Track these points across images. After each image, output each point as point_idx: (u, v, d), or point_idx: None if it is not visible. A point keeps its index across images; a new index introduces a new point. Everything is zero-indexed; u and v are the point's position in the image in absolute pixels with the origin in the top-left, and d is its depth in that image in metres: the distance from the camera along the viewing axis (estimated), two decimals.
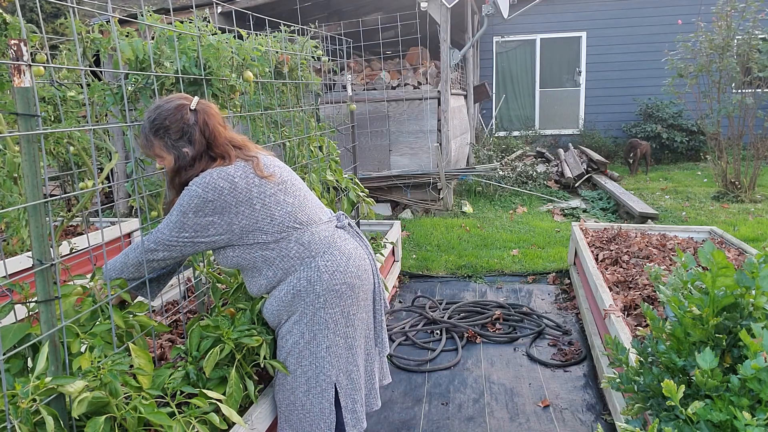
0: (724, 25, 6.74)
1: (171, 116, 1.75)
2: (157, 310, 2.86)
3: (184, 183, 1.79)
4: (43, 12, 12.92)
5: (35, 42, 2.99)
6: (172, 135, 1.75)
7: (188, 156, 1.78)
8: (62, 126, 2.86)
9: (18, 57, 1.27)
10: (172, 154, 1.77)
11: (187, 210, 1.73)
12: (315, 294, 1.85)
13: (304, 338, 1.89)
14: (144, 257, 1.79)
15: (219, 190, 1.72)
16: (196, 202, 1.72)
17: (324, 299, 1.86)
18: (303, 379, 1.91)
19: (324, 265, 1.86)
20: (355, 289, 1.92)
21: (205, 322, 1.94)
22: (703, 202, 7.13)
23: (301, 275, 1.85)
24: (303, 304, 1.86)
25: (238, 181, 1.75)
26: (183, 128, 1.75)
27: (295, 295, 1.86)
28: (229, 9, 6.59)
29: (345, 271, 1.89)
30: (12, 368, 1.52)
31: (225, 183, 1.74)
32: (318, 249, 1.87)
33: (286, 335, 1.92)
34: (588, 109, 11.40)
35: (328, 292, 1.86)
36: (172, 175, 1.82)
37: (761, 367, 1.25)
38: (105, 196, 7.30)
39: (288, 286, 1.86)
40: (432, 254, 5.32)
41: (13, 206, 2.75)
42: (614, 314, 2.70)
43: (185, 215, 1.73)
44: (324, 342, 1.88)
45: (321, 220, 1.94)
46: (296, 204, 1.87)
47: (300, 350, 1.90)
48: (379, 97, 7.42)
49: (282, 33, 3.25)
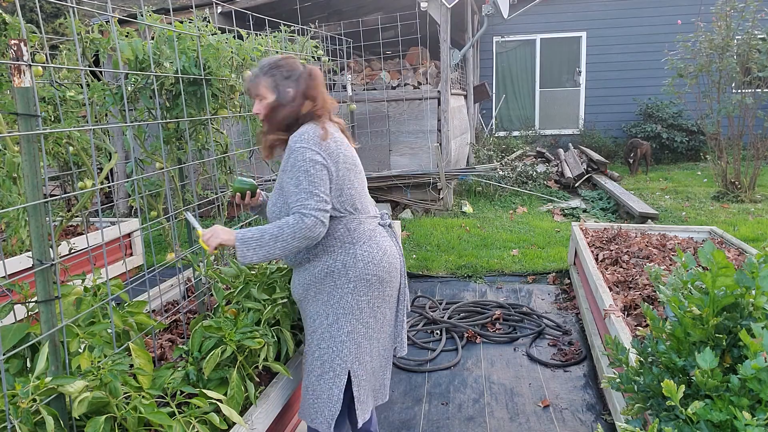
0: (723, 25, 6.73)
1: (284, 59, 1.97)
2: (157, 310, 2.86)
3: (281, 121, 1.93)
4: (43, 12, 12.92)
5: (35, 42, 2.99)
6: (283, 73, 1.93)
7: (289, 95, 1.91)
8: (62, 126, 2.86)
9: (18, 57, 1.27)
10: (275, 92, 1.92)
11: (307, 167, 1.82)
12: (347, 278, 1.93)
13: (327, 320, 1.95)
14: (305, 234, 1.81)
15: (318, 144, 1.86)
16: (308, 155, 1.83)
17: (354, 285, 1.93)
18: (318, 363, 1.96)
19: (361, 253, 1.94)
20: (383, 283, 1.99)
21: (207, 323, 1.94)
22: (703, 202, 7.13)
23: (337, 257, 1.93)
24: (333, 285, 1.94)
25: (331, 141, 1.89)
26: (293, 71, 1.94)
27: (327, 275, 1.94)
28: (229, 9, 6.59)
29: (378, 264, 1.97)
30: (12, 368, 1.52)
31: (319, 140, 1.87)
32: (359, 238, 1.96)
33: (312, 315, 1.99)
34: (588, 109, 11.40)
35: (359, 280, 1.93)
36: (269, 112, 1.94)
37: (761, 367, 1.25)
38: (105, 196, 7.30)
39: (323, 264, 1.94)
40: (432, 254, 5.32)
41: (13, 206, 2.74)
42: (614, 314, 2.70)
43: (308, 173, 1.82)
44: (346, 327, 1.94)
45: (369, 213, 2.03)
46: (359, 189, 1.99)
47: (321, 332, 1.95)
48: (379, 97, 7.42)
49: (282, 33, 3.25)
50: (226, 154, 2.90)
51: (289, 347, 2.21)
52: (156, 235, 5.35)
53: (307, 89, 1.94)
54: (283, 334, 2.21)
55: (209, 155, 2.83)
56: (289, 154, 1.88)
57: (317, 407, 1.96)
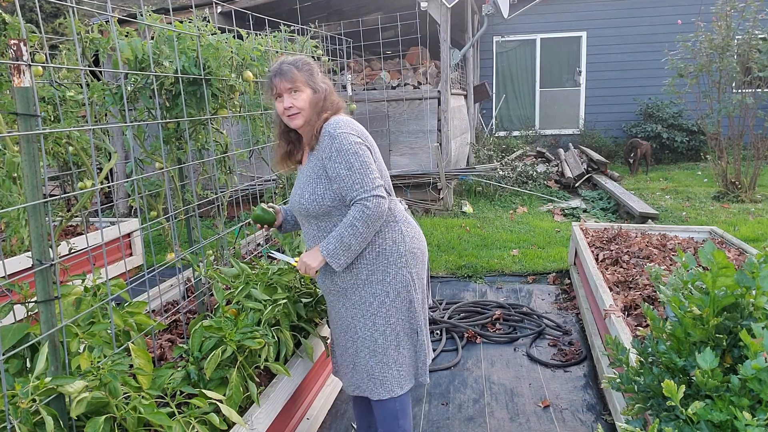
0: (723, 25, 6.73)
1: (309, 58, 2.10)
2: (157, 310, 2.86)
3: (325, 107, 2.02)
4: (42, 12, 12.92)
5: (35, 42, 2.99)
6: (314, 72, 2.04)
7: (324, 89, 2.03)
8: (62, 126, 2.86)
9: (18, 57, 1.27)
10: (310, 87, 2.01)
11: (356, 149, 1.91)
12: (398, 254, 2.03)
13: (389, 297, 2.03)
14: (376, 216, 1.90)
15: (355, 130, 1.97)
16: (352, 140, 1.92)
17: (405, 259, 2.04)
18: (393, 336, 2.06)
19: (405, 230, 2.07)
20: (424, 256, 2.16)
21: (207, 323, 1.94)
22: (703, 202, 7.13)
23: (386, 236, 2.02)
24: (386, 263, 2.02)
25: (359, 128, 2.02)
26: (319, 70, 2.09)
27: (379, 254, 2.01)
28: (229, 9, 6.58)
29: (420, 239, 2.13)
30: (12, 368, 1.52)
31: (354, 125, 1.99)
32: (399, 217, 2.08)
33: (368, 298, 2.04)
34: (588, 109, 11.40)
35: (409, 253, 2.05)
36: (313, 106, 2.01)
37: (761, 368, 1.25)
38: (104, 196, 7.30)
39: (372, 245, 2.01)
40: (432, 254, 5.32)
41: (13, 206, 2.74)
42: (614, 314, 2.70)
43: (357, 155, 1.90)
44: (407, 297, 2.06)
45: (394, 197, 2.14)
46: (387, 173, 2.10)
47: (387, 309, 2.04)
48: (379, 97, 7.42)
49: (282, 33, 3.24)
50: (225, 154, 2.90)
51: (288, 348, 2.21)
52: (156, 235, 5.35)
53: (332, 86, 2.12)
54: (283, 335, 2.21)
55: (209, 155, 2.83)
56: (332, 141, 1.94)
57: (404, 373, 2.09)
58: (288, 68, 2.00)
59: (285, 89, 1.99)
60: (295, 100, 2.00)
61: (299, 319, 2.44)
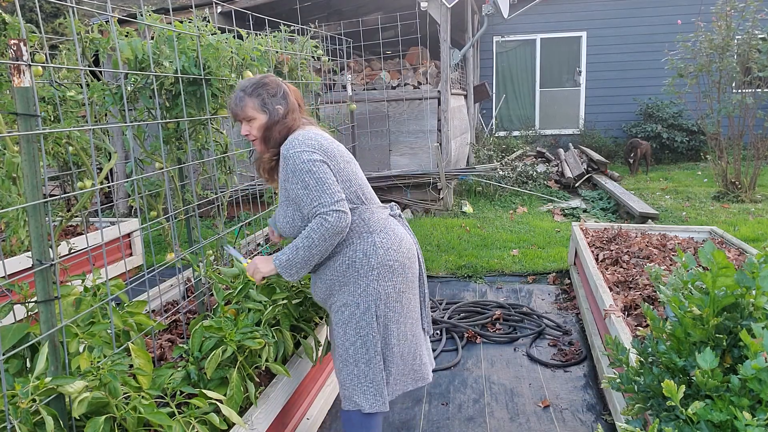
0: (723, 25, 6.73)
1: (266, 77, 2.02)
2: (157, 310, 2.86)
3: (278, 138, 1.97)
4: (42, 12, 12.92)
5: (35, 42, 2.98)
6: (270, 91, 1.98)
7: (280, 112, 1.97)
8: (62, 126, 2.86)
9: (18, 57, 1.27)
10: (265, 111, 1.97)
11: (309, 167, 1.85)
12: (369, 266, 1.95)
13: (359, 308, 1.98)
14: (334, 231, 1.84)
15: (311, 145, 1.90)
16: (305, 158, 1.86)
17: (377, 272, 1.96)
18: (363, 350, 1.99)
19: (380, 241, 1.98)
20: (405, 268, 2.04)
21: (207, 323, 1.94)
22: (703, 202, 7.13)
23: (357, 247, 1.96)
24: (357, 275, 1.96)
25: (321, 140, 1.95)
26: (278, 88, 2.01)
27: (349, 266, 1.96)
28: (229, 9, 6.58)
29: (398, 250, 2.01)
30: (11, 368, 1.52)
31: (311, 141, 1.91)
32: (375, 227, 1.99)
33: (342, 308, 2.01)
34: (588, 109, 11.40)
35: (382, 266, 1.97)
36: (265, 133, 1.99)
37: (761, 368, 1.25)
38: (104, 196, 7.30)
39: (343, 257, 1.96)
40: (432, 254, 5.32)
41: (13, 206, 2.74)
42: (614, 314, 2.70)
43: (311, 173, 1.84)
44: (376, 312, 1.98)
45: (377, 204, 2.08)
46: (362, 180, 2.04)
47: (357, 320, 1.98)
48: (379, 97, 7.42)
49: (282, 33, 3.24)
50: (225, 154, 2.90)
51: (288, 348, 2.21)
52: (156, 235, 5.35)
53: (293, 103, 2.03)
54: (283, 335, 2.21)
55: (209, 155, 2.83)
56: (285, 162, 1.91)
57: (373, 390, 2.01)
58: (240, 96, 1.98)
59: (239, 117, 1.99)
60: (250, 128, 2.00)
61: (298, 319, 2.44)
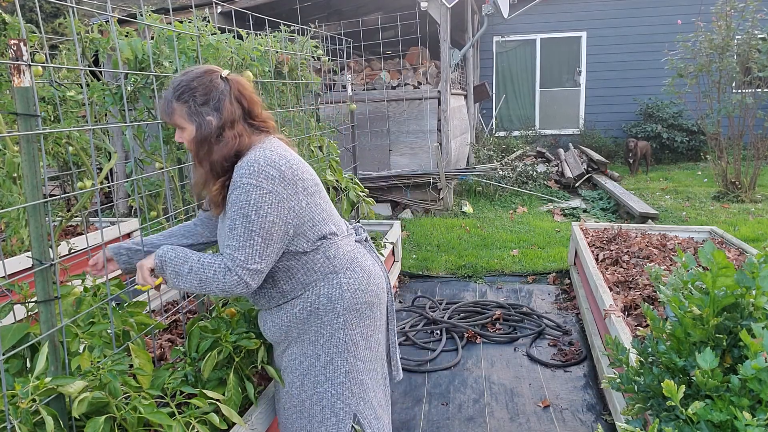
0: (723, 25, 6.73)
1: (199, 78, 1.59)
2: (157, 310, 2.86)
3: (218, 162, 1.59)
4: (42, 12, 12.92)
5: (35, 42, 2.98)
6: (197, 98, 1.57)
7: (212, 125, 1.57)
8: (62, 126, 2.86)
9: (18, 57, 1.27)
10: (193, 123, 1.58)
11: (249, 210, 1.52)
12: (335, 313, 1.70)
13: (320, 361, 1.73)
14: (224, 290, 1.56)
15: (270, 178, 1.54)
16: (254, 197, 1.52)
17: (344, 319, 1.71)
18: (318, 408, 1.75)
19: (346, 282, 1.72)
20: (373, 308, 1.80)
21: (203, 324, 1.94)
22: (703, 202, 7.13)
23: (321, 292, 1.70)
24: (319, 323, 1.71)
25: (283, 168, 1.57)
26: (210, 92, 1.57)
27: (311, 313, 1.71)
28: (228, 9, 6.58)
29: (366, 290, 1.76)
30: (12, 368, 1.52)
31: (273, 170, 1.54)
32: (341, 265, 1.72)
33: (299, 356, 1.76)
34: (588, 109, 11.40)
35: (349, 312, 1.72)
36: (196, 149, 1.61)
37: (761, 368, 1.25)
38: (104, 196, 7.30)
39: (304, 303, 1.70)
40: (432, 254, 5.32)
41: (13, 206, 2.74)
42: (614, 314, 2.70)
43: (248, 218, 1.52)
44: (343, 366, 1.73)
45: (344, 232, 1.79)
46: (328, 211, 1.74)
47: (316, 374, 1.74)
48: (379, 97, 7.42)
49: (282, 33, 3.24)
50: None
51: None
52: None
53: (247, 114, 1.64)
54: None
55: None
56: (233, 188, 1.55)
57: None
58: (168, 99, 1.59)
59: (170, 124, 1.63)
60: (181, 138, 1.63)
61: None
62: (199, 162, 1.63)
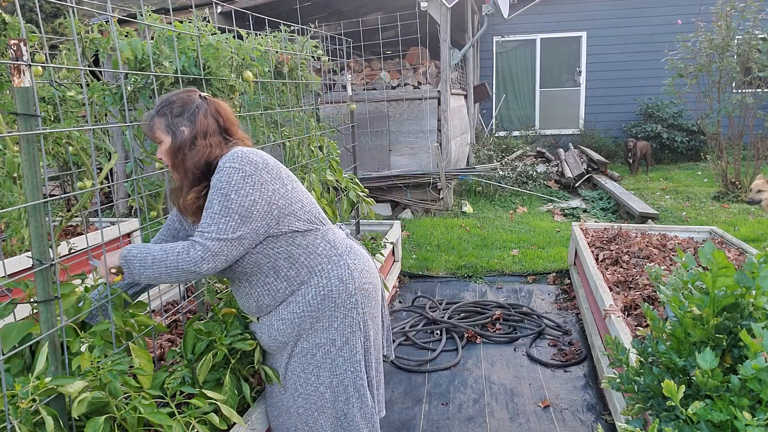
0: (723, 25, 6.74)
1: (178, 94, 1.72)
2: (157, 310, 2.86)
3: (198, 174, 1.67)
4: (42, 12, 12.92)
5: (35, 42, 2.98)
6: (174, 110, 1.66)
7: (185, 134, 1.65)
8: (62, 126, 2.86)
9: (18, 57, 1.27)
10: (169, 133, 1.66)
11: (228, 190, 1.56)
12: (348, 293, 1.76)
13: (336, 345, 1.78)
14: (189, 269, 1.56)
15: (253, 163, 1.61)
16: (236, 178, 1.57)
17: (356, 299, 1.78)
18: (341, 388, 1.81)
19: (353, 263, 1.79)
20: (376, 290, 1.89)
21: (197, 326, 1.93)
22: (703, 202, 7.13)
23: (331, 274, 1.75)
24: (333, 306, 1.75)
25: (267, 158, 1.67)
26: (186, 105, 1.67)
27: (325, 297, 1.74)
28: (228, 9, 6.58)
29: (369, 271, 1.85)
30: (12, 368, 1.52)
31: (256, 157, 1.63)
32: (342, 248, 1.80)
33: (311, 350, 1.79)
34: (588, 109, 11.40)
35: (359, 291, 1.79)
36: (171, 157, 1.68)
37: (761, 368, 1.25)
38: (104, 196, 7.30)
39: (315, 289, 1.74)
40: (432, 254, 5.32)
41: (13, 206, 2.74)
42: (614, 314, 2.70)
43: (227, 197, 1.56)
44: (359, 343, 1.80)
45: (331, 224, 1.88)
46: (314, 202, 1.82)
47: (333, 358, 1.79)
48: (379, 97, 7.42)
49: (282, 33, 3.24)
50: None
51: None
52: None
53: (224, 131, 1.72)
54: None
55: None
56: (216, 173, 1.62)
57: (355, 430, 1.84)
58: (150, 115, 1.69)
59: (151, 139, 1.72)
60: (161, 153, 1.70)
61: None
62: (175, 169, 1.70)
